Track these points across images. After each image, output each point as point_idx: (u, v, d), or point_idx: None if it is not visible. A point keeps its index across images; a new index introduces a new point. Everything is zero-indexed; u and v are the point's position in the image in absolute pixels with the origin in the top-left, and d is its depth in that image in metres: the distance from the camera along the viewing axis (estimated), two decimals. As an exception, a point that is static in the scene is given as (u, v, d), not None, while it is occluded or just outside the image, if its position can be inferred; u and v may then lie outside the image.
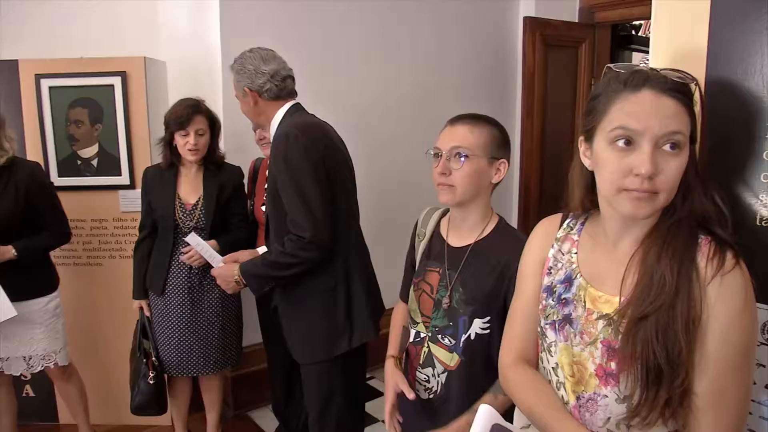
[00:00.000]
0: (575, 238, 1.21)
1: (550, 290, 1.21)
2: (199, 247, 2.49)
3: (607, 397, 1.07)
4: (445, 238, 1.67)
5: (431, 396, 1.64)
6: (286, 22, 3.24)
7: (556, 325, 1.17)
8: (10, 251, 2.44)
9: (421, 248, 1.74)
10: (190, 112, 2.51)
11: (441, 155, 1.55)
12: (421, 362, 1.65)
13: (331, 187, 2.12)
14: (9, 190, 2.47)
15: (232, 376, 3.19)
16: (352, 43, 3.52)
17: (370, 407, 3.36)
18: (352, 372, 2.24)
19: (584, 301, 1.13)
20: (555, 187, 4.15)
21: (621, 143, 1.02)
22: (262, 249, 2.43)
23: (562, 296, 1.17)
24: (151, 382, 2.56)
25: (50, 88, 2.95)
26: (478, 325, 1.53)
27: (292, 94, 2.26)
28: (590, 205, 1.19)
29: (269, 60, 2.20)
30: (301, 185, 2.04)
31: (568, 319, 1.15)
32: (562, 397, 1.16)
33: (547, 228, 1.28)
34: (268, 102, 2.21)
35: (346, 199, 2.24)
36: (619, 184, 1.02)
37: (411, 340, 1.70)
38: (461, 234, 1.63)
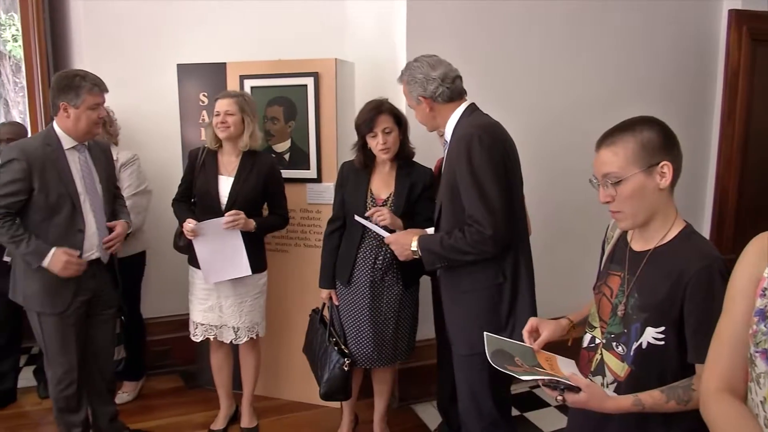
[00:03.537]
0: (795, 257, 1.09)
1: (762, 314, 1.10)
2: (369, 225, 2.56)
3: None
4: (629, 241, 1.61)
5: None
6: (471, 22, 3.25)
7: None
8: (252, 223, 2.82)
9: (607, 252, 1.71)
10: (374, 113, 2.60)
11: (599, 184, 1.52)
12: (592, 369, 1.61)
13: (510, 186, 2.18)
14: (253, 174, 2.87)
15: (400, 369, 3.28)
16: (537, 44, 3.45)
17: (533, 416, 3.31)
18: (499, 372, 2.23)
19: (801, 330, 1.01)
20: (758, 198, 3.78)
21: None
22: (431, 230, 2.48)
23: (775, 322, 1.06)
24: (346, 368, 2.67)
25: (252, 87, 3.23)
26: (650, 334, 1.46)
27: (463, 94, 2.31)
28: None
29: (436, 65, 2.26)
30: (483, 184, 2.11)
31: (780, 348, 1.04)
32: (770, 435, 1.05)
33: (762, 244, 1.17)
34: (442, 105, 2.27)
35: (518, 198, 2.29)
36: None
37: (585, 345, 1.67)
38: (644, 238, 1.56)
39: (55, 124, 2.53)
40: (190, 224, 2.76)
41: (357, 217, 2.59)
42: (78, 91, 2.45)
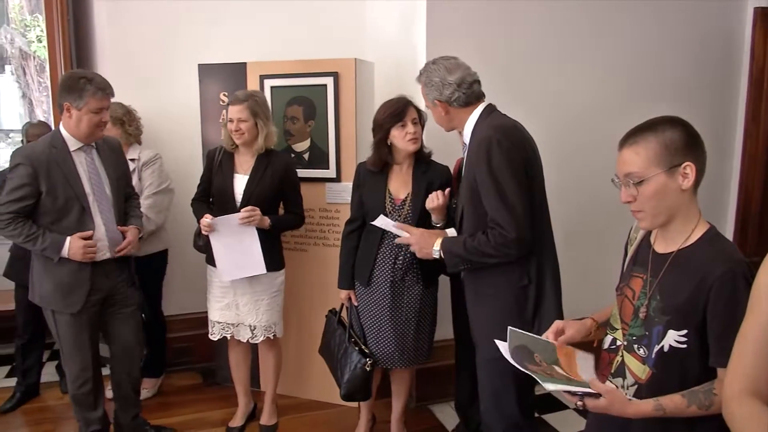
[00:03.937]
0: (821, 259, 1.07)
1: (788, 318, 1.08)
2: (387, 227, 2.56)
3: None
4: (652, 243, 1.59)
5: None
6: (490, 23, 3.24)
7: (792, 358, 1.04)
8: (267, 221, 2.84)
9: (630, 253, 1.69)
10: (403, 104, 2.61)
11: (621, 184, 1.50)
12: (612, 371, 1.60)
13: (531, 188, 2.17)
14: (268, 173, 2.88)
15: (418, 369, 3.25)
16: (556, 44, 3.42)
17: (551, 419, 3.28)
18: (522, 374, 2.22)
19: (828, 334, 0.99)
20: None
21: None
22: (451, 231, 2.48)
23: (800, 325, 1.04)
24: (368, 369, 2.67)
25: (272, 87, 3.25)
26: (672, 337, 1.44)
27: (480, 97, 2.30)
28: None
29: (454, 69, 2.25)
30: (504, 188, 2.10)
31: (806, 353, 1.02)
32: (795, 441, 1.03)
33: None
34: (458, 109, 2.27)
35: (541, 199, 2.27)
36: None
37: (606, 346, 1.66)
38: (667, 240, 1.54)
39: (61, 126, 2.54)
40: (206, 219, 2.80)
41: (372, 222, 2.59)
42: (81, 94, 2.43)
